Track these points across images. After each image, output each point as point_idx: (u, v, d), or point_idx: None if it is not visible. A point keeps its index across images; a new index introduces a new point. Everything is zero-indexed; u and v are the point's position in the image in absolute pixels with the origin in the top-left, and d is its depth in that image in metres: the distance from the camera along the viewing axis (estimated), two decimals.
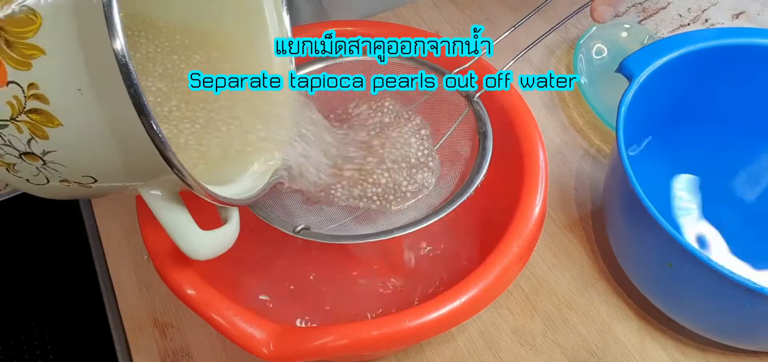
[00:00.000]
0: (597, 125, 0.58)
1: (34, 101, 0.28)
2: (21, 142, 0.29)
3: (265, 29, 0.41)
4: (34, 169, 0.30)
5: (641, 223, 0.41)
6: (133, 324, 0.45)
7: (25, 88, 0.28)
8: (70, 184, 0.31)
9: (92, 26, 0.26)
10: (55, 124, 0.28)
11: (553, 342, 0.45)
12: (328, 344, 0.33)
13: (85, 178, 0.31)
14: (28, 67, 0.27)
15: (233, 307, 0.34)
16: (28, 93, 0.28)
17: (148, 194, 0.32)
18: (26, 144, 0.29)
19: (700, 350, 0.45)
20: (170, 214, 0.32)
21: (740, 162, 0.53)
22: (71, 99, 0.28)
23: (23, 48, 0.27)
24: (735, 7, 0.70)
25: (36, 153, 0.29)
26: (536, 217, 0.39)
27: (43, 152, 0.29)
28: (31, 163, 0.30)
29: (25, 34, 0.27)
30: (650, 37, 0.62)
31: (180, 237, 0.32)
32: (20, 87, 0.28)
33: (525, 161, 0.42)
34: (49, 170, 0.30)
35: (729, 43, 0.48)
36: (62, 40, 0.27)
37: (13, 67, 0.27)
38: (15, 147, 0.29)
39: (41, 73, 0.27)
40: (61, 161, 0.30)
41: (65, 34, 0.27)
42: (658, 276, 0.42)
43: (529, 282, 0.47)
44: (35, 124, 0.28)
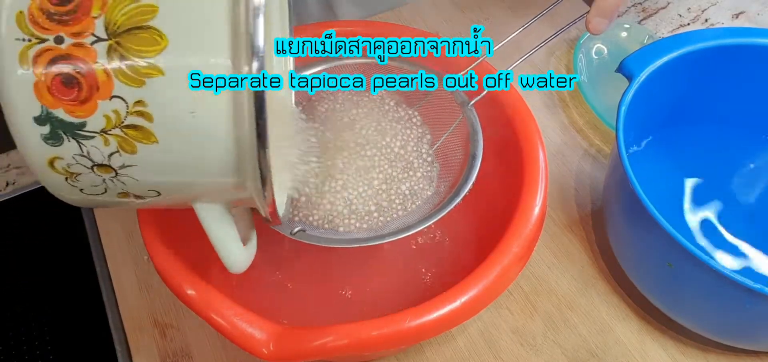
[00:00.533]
0: (597, 125, 0.58)
1: (137, 118, 0.28)
2: (101, 154, 0.28)
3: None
4: (99, 181, 0.30)
5: (641, 223, 0.41)
6: (133, 325, 0.45)
7: (131, 104, 0.27)
8: (126, 198, 0.31)
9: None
10: (150, 141, 0.28)
11: (554, 342, 0.45)
12: (328, 344, 0.33)
13: (149, 193, 0.31)
14: (140, 85, 0.27)
15: (233, 307, 0.34)
16: (133, 109, 0.27)
17: (204, 207, 0.32)
18: (106, 156, 0.28)
19: (700, 350, 0.45)
20: (221, 229, 0.33)
21: (740, 162, 0.53)
22: (180, 119, 0.28)
23: (141, 66, 0.27)
24: (735, 7, 0.70)
25: (113, 166, 0.29)
26: (536, 217, 0.39)
27: (122, 166, 0.29)
28: (99, 175, 0.29)
29: (145, 52, 0.27)
30: (650, 37, 0.62)
31: (226, 251, 0.33)
32: (124, 102, 0.27)
33: (525, 161, 0.42)
34: (116, 183, 0.30)
35: (729, 43, 0.48)
36: (188, 63, 0.27)
37: (123, 83, 0.27)
38: (91, 158, 0.29)
39: (154, 92, 0.27)
40: (136, 176, 0.29)
41: (191, 59, 0.27)
42: (658, 276, 0.42)
43: (529, 282, 0.47)
44: (127, 139, 0.28)
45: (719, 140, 0.53)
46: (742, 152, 0.53)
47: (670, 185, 0.51)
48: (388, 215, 0.41)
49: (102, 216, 0.51)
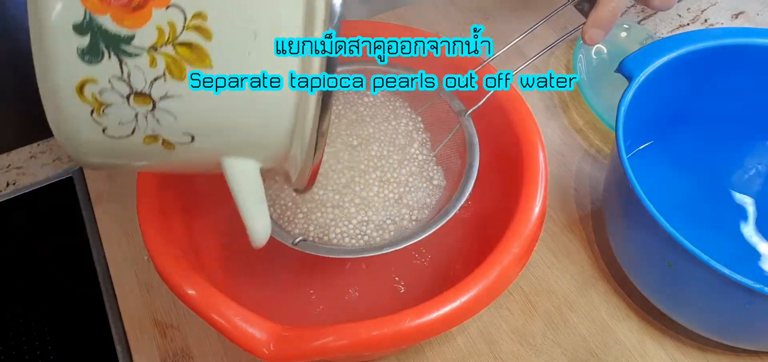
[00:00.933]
0: (597, 125, 0.58)
1: (193, 33, 0.24)
2: (143, 79, 0.24)
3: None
4: (130, 116, 0.25)
5: (641, 223, 0.41)
6: (133, 325, 0.45)
7: (189, 16, 0.24)
8: (154, 142, 0.26)
9: None
10: (204, 65, 0.24)
11: (553, 342, 0.45)
12: (328, 344, 0.33)
13: (183, 137, 0.26)
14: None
15: (233, 307, 0.34)
16: (190, 22, 0.24)
17: (237, 164, 0.28)
18: (149, 82, 0.24)
19: (700, 350, 0.45)
20: (254, 190, 0.29)
21: (740, 161, 0.53)
22: (239, 40, 0.24)
23: None
24: (734, 7, 0.70)
25: (152, 96, 0.25)
26: (536, 217, 0.39)
27: (164, 96, 0.25)
28: (133, 108, 0.25)
29: None
30: (649, 37, 0.62)
31: (256, 215, 0.29)
32: (182, 13, 0.24)
33: (525, 161, 0.42)
34: (149, 120, 0.25)
35: (728, 43, 0.48)
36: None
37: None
38: (131, 83, 0.24)
39: (217, 2, 0.24)
40: (175, 110, 0.25)
41: None
42: (658, 276, 0.42)
43: (529, 282, 0.47)
44: (178, 60, 0.24)
45: (719, 140, 0.53)
46: (742, 152, 0.53)
47: (669, 184, 0.51)
48: (386, 230, 0.41)
49: (102, 216, 0.51)
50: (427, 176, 0.44)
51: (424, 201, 0.43)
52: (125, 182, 0.52)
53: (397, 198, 0.42)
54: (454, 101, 0.45)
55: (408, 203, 0.42)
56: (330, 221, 0.41)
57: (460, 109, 0.44)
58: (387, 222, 0.41)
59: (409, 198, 0.42)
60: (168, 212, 0.40)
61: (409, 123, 0.46)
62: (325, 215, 0.41)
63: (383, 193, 0.42)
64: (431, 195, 0.43)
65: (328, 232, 0.41)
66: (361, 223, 0.41)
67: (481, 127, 0.45)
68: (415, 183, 0.43)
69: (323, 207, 0.41)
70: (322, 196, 0.42)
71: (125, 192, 0.52)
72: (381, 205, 0.42)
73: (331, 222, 0.41)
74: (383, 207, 0.42)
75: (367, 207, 0.42)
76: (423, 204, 0.42)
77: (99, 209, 0.51)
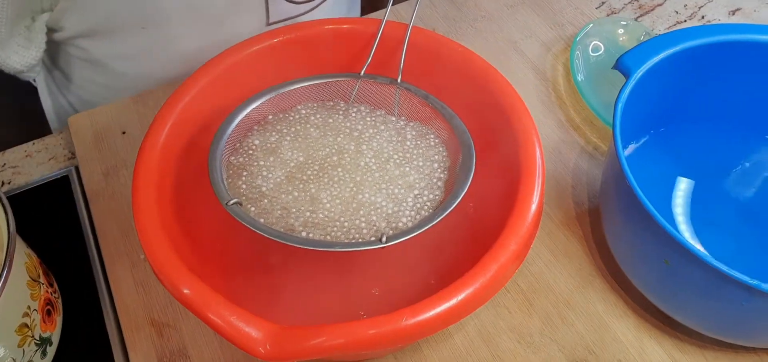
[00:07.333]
0: (594, 122, 0.58)
1: None
2: None
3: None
4: None
5: (638, 220, 0.41)
6: (130, 324, 0.45)
7: None
8: None
9: None
10: None
11: (551, 339, 0.45)
12: (325, 343, 0.33)
13: None
14: None
15: (230, 306, 0.34)
16: None
17: None
18: None
19: (697, 347, 0.45)
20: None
21: (737, 158, 0.53)
22: None
23: None
24: (731, 4, 0.70)
25: None
26: (533, 215, 0.39)
27: None
28: None
29: None
30: (647, 34, 0.62)
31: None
32: None
33: (522, 158, 0.42)
34: None
35: (725, 40, 0.48)
36: None
37: None
38: None
39: None
40: None
41: None
42: (655, 273, 0.42)
43: (526, 279, 0.47)
44: None
45: (716, 136, 0.53)
46: (739, 148, 0.53)
47: (666, 182, 0.51)
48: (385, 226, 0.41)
49: (99, 215, 0.50)
50: (426, 174, 0.44)
51: (420, 199, 0.42)
52: (121, 181, 0.52)
53: (393, 197, 0.42)
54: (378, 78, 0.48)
55: (404, 201, 0.42)
56: (324, 218, 0.41)
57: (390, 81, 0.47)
58: (383, 220, 0.41)
59: (406, 195, 0.42)
60: (164, 211, 0.40)
61: (401, 126, 0.46)
62: (315, 214, 0.41)
63: (380, 191, 0.42)
64: (428, 194, 0.43)
65: (326, 230, 0.40)
66: (357, 219, 0.41)
67: (478, 125, 0.45)
68: (411, 181, 0.43)
69: (319, 204, 0.41)
70: (315, 194, 0.42)
71: (121, 191, 0.52)
72: (378, 203, 0.42)
73: (325, 219, 0.41)
74: (380, 205, 0.42)
75: (364, 205, 0.41)
76: (420, 202, 0.42)
77: (95, 208, 0.51)
